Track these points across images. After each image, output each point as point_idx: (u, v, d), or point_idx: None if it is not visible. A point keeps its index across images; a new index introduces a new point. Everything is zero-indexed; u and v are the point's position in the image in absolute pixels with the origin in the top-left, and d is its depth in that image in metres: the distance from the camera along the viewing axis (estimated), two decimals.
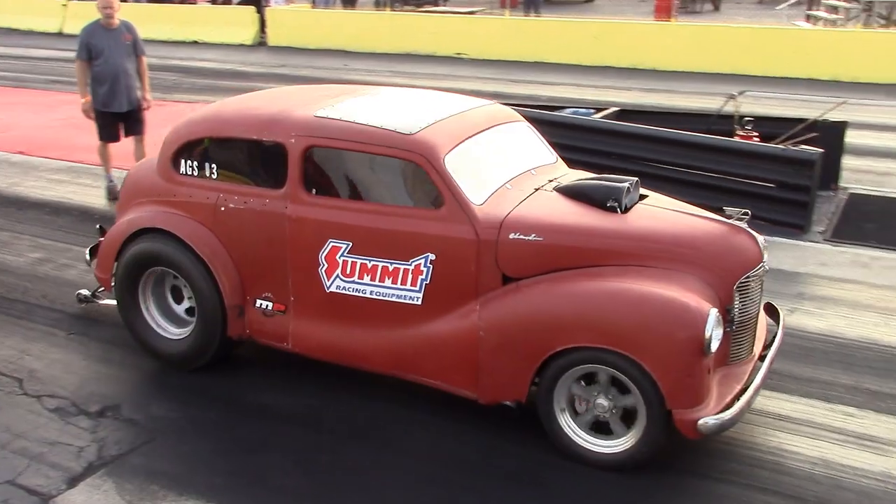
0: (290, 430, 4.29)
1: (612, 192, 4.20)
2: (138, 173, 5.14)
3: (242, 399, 4.59)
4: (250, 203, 4.47)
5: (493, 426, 4.22)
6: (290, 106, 4.63)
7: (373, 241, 4.19)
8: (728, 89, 9.40)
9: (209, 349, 4.73)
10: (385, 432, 4.26)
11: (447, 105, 4.70)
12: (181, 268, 4.66)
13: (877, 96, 12.99)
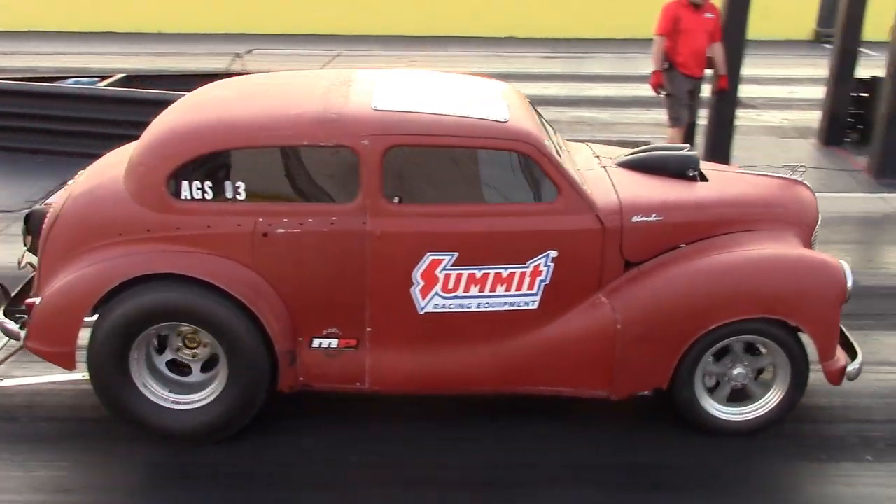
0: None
1: (688, 161, 4.19)
2: (84, 208, 3.83)
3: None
4: (309, 224, 3.62)
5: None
6: (319, 100, 3.80)
7: (484, 247, 3.69)
8: (236, 48, 9.90)
9: (251, 410, 3.82)
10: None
11: (483, 87, 4.23)
12: (207, 319, 3.67)
13: (372, 47, 14.24)
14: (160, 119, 3.98)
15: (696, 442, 3.98)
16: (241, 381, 3.77)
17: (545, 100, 9.96)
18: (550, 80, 11.94)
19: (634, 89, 10.85)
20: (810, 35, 15.75)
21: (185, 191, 3.67)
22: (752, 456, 3.92)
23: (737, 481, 3.78)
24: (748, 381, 3.95)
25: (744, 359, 3.92)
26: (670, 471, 3.85)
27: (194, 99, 4.14)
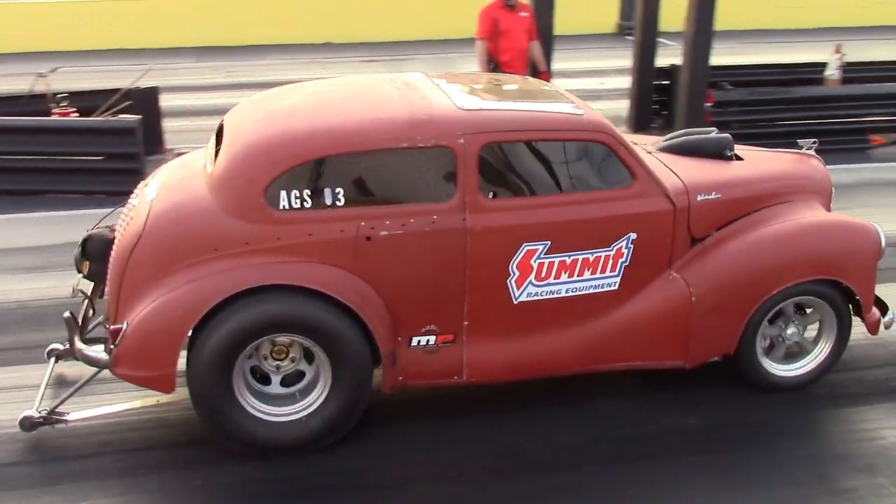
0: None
1: (723, 143, 4.55)
2: (173, 226, 3.74)
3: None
4: (411, 224, 3.72)
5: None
6: (401, 103, 3.91)
7: (574, 234, 3.90)
8: (38, 67, 9.59)
9: (355, 413, 3.88)
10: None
11: (536, 84, 4.52)
12: (315, 328, 3.69)
13: (184, 60, 14.23)
14: (237, 131, 3.95)
15: (743, 400, 4.34)
16: (345, 387, 3.82)
17: None
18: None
19: None
20: (614, 28, 16.61)
21: (284, 200, 3.68)
22: (800, 407, 4.35)
23: (797, 432, 4.16)
24: (801, 338, 4.38)
25: (795, 319, 4.35)
26: (731, 428, 4.18)
27: (264, 109, 4.12)
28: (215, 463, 3.91)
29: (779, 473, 3.86)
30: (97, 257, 4.06)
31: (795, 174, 4.57)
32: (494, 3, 7.42)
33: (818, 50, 12.71)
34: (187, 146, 7.62)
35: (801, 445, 4.08)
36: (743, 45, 14.44)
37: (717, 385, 4.43)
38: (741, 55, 12.29)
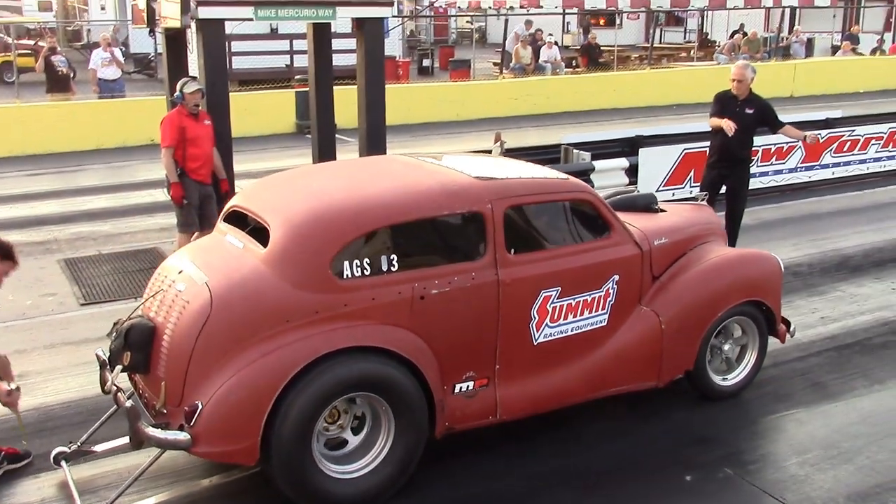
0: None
1: (650, 198, 5.58)
2: (242, 303, 4.00)
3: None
4: (456, 281, 4.29)
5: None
6: (427, 177, 4.53)
7: (577, 279, 4.67)
8: None
9: (413, 462, 4.31)
10: None
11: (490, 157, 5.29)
12: (385, 386, 4.12)
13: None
14: (282, 211, 4.31)
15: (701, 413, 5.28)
16: (407, 437, 4.26)
17: (38, 219, 10.53)
18: (40, 199, 11.84)
19: (133, 197, 11.78)
20: (292, 128, 17.62)
21: (347, 270, 4.13)
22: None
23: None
24: (731, 353, 5.40)
25: (729, 336, 5.38)
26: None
27: (299, 189, 4.56)
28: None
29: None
30: (140, 346, 4.18)
31: (706, 220, 5.69)
32: (178, 111, 7.52)
33: (482, 138, 14.67)
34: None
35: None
36: (415, 137, 16.30)
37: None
38: (416, 147, 13.88)
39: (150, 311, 4.33)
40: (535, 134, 16.72)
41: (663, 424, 5.11)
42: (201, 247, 4.70)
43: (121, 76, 16.84)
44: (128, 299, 7.43)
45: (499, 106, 19.83)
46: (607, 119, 19.10)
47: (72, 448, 4.58)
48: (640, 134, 11.23)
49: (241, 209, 4.65)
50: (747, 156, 7.84)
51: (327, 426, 4.25)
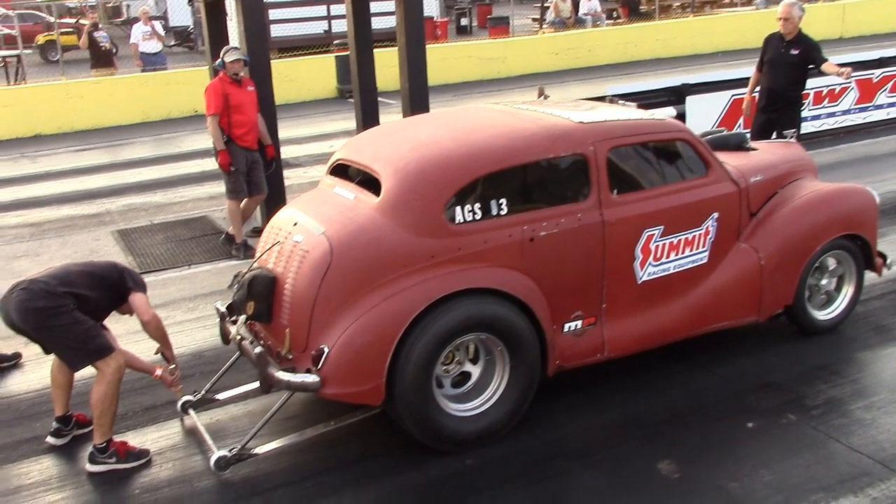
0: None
1: (742, 137, 5.67)
2: (362, 252, 4.20)
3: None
4: (563, 223, 4.45)
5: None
6: (529, 122, 4.67)
7: (679, 218, 4.81)
8: None
9: (528, 400, 4.51)
10: None
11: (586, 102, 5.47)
12: (500, 326, 4.29)
13: None
14: (392, 161, 4.48)
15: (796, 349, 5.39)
16: (522, 376, 4.45)
17: (89, 193, 10.98)
18: (90, 173, 12.36)
19: (180, 168, 12.18)
20: (334, 93, 18.02)
21: (459, 215, 4.30)
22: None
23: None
24: (829, 288, 5.52)
25: (825, 271, 5.48)
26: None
27: (404, 140, 4.71)
28: (410, 467, 4.34)
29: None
30: (263, 296, 4.40)
31: (797, 156, 5.77)
32: (221, 79, 7.69)
33: (524, 95, 14.57)
34: None
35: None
36: (457, 97, 16.65)
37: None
38: (457, 105, 13.79)
39: (269, 263, 4.55)
40: (578, 88, 16.77)
41: (724, 371, 5.17)
42: (311, 200, 4.87)
43: (162, 49, 17.17)
44: (181, 267, 7.78)
45: (539, 61, 19.95)
46: (651, 69, 19.09)
47: (196, 397, 4.86)
48: (686, 82, 11.22)
49: (349, 162, 4.84)
50: (797, 97, 7.86)
51: (446, 367, 4.44)
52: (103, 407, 4.38)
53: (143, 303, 4.60)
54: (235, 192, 7.80)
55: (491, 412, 4.43)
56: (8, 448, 4.79)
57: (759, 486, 4.09)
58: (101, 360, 4.37)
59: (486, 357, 4.50)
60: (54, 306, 4.29)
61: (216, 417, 4.89)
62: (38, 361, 5.66)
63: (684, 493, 4.07)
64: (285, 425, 4.69)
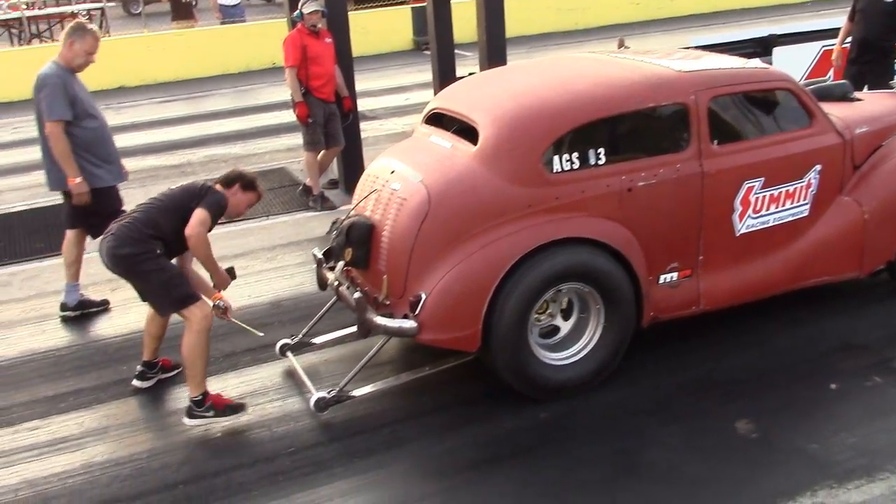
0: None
1: (846, 87, 5.53)
2: (459, 200, 4.26)
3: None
4: (662, 174, 4.44)
5: None
6: (630, 71, 4.65)
7: (780, 170, 4.74)
8: None
9: (621, 350, 4.55)
10: None
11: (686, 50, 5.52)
12: (596, 276, 4.32)
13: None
14: (489, 110, 4.50)
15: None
16: (616, 326, 4.48)
17: (172, 144, 11.19)
18: (172, 124, 12.62)
19: (259, 120, 12.27)
20: (410, 44, 17.96)
21: (557, 165, 4.33)
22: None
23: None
24: None
25: None
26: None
27: (500, 89, 4.73)
28: (485, 419, 4.40)
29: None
30: (361, 243, 4.51)
31: None
32: (299, 31, 7.78)
33: (604, 46, 14.13)
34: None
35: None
36: (534, 48, 16.30)
37: None
38: (533, 58, 13.60)
39: (366, 210, 4.65)
40: (660, 39, 16.47)
41: (806, 331, 5.07)
42: (407, 148, 4.95)
43: (240, 2, 17.40)
44: (260, 217, 7.91)
45: (620, 11, 19.51)
46: (736, 20, 18.53)
47: (294, 340, 5.02)
48: (773, 33, 10.85)
49: (445, 111, 4.89)
50: (890, 47, 7.56)
51: (538, 317, 4.50)
52: (193, 357, 4.41)
53: (194, 218, 4.41)
54: (313, 143, 7.90)
55: (585, 361, 4.48)
56: (97, 390, 5.01)
57: (841, 448, 4.00)
58: (185, 308, 4.40)
59: (579, 307, 4.53)
60: (139, 252, 4.36)
61: (310, 361, 5.01)
62: (126, 307, 5.97)
63: (762, 452, 4.01)
64: (380, 370, 4.83)
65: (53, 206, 8.60)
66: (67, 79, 5.58)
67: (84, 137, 5.63)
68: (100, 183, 5.68)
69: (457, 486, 3.96)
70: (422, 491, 3.95)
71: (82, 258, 6.02)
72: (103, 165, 5.71)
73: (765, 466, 3.92)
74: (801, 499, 3.69)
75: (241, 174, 4.70)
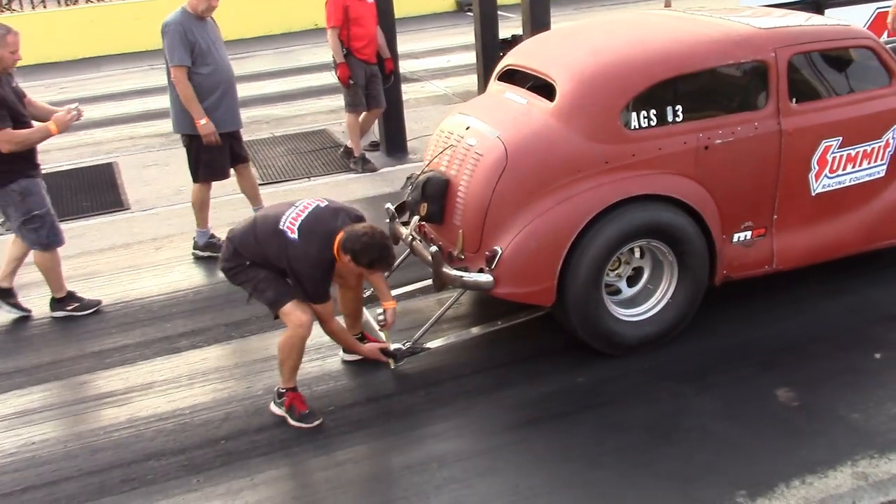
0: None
1: None
2: (536, 156, 4.33)
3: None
4: (739, 131, 4.48)
5: None
6: (706, 28, 4.68)
7: (859, 129, 4.76)
8: None
9: (693, 309, 4.63)
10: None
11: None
12: (671, 233, 4.39)
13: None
14: (565, 67, 4.56)
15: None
16: (689, 283, 4.56)
17: None
18: None
19: (300, 81, 12.28)
20: (453, 6, 17.86)
21: (634, 121, 4.39)
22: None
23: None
24: None
25: None
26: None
27: (579, 46, 4.79)
28: (523, 381, 4.49)
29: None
30: (437, 198, 4.60)
31: None
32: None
33: (649, 6, 13.82)
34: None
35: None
36: (578, 10, 16.05)
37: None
38: (578, 19, 13.40)
39: (441, 166, 4.75)
40: (709, 0, 16.22)
41: (850, 300, 5.04)
42: (482, 105, 5.02)
43: None
44: (301, 179, 8.06)
45: None
46: None
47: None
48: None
49: (520, 67, 4.95)
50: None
51: (608, 273, 4.58)
52: (281, 356, 4.30)
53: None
54: (354, 105, 7.96)
55: (658, 318, 4.57)
56: (142, 346, 5.18)
57: (885, 419, 4.01)
58: (277, 310, 4.24)
59: (652, 267, 4.62)
60: (231, 267, 4.37)
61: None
62: (169, 265, 6.23)
63: (802, 421, 4.04)
64: (453, 324, 4.97)
65: (98, 165, 9.04)
66: (189, 24, 5.92)
67: (196, 83, 6.02)
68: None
69: (494, 448, 4.04)
70: (457, 452, 4.01)
71: (209, 205, 6.38)
72: (209, 112, 6.04)
73: (805, 435, 3.95)
74: (842, 468, 3.71)
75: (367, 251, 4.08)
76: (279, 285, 4.22)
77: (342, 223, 4.11)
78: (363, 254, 4.02)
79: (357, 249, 4.00)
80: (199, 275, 6.09)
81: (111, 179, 8.49)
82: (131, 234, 6.79)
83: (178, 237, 6.76)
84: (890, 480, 3.59)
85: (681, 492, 3.62)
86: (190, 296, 5.77)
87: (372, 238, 4.00)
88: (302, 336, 4.21)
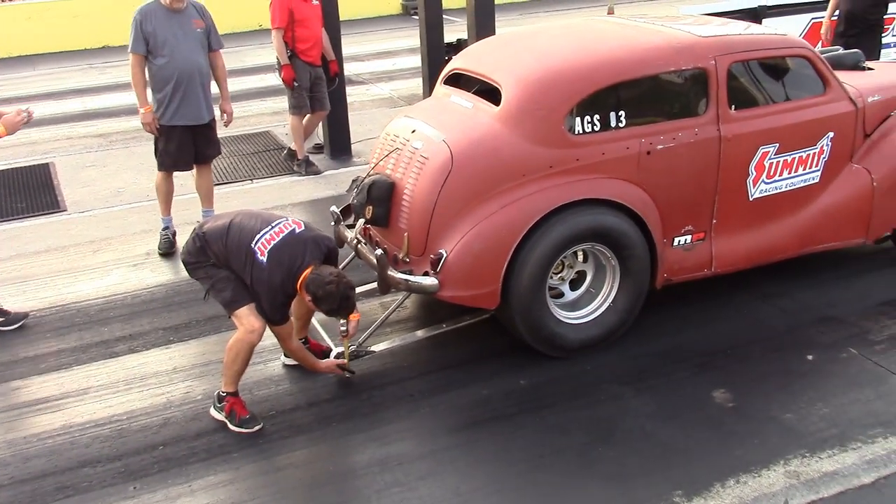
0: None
1: (859, 57, 5.73)
2: (483, 159, 4.40)
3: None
4: (680, 137, 4.61)
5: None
6: (650, 35, 4.80)
7: (795, 136, 4.94)
8: None
9: (635, 312, 4.75)
10: None
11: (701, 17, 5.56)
12: (614, 237, 4.51)
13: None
14: (511, 71, 4.64)
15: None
16: (631, 287, 4.69)
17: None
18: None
19: (244, 82, 12.20)
20: (398, 9, 18.17)
21: (579, 126, 4.49)
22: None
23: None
24: None
25: None
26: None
27: (523, 51, 4.87)
28: (465, 384, 4.54)
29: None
30: (382, 201, 4.64)
31: None
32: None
33: (592, 13, 14.14)
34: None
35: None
36: (523, 15, 16.51)
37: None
38: (522, 25, 13.82)
39: (386, 169, 4.79)
40: (649, 6, 16.56)
41: (785, 303, 5.22)
42: (428, 108, 5.09)
43: None
44: (244, 181, 8.08)
45: None
46: None
47: None
48: (762, 4, 11.02)
49: (466, 71, 5.04)
50: (877, 21, 7.68)
51: (551, 276, 4.67)
52: (227, 358, 4.27)
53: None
54: (298, 107, 7.99)
55: (600, 320, 4.68)
56: (77, 351, 5.13)
57: (815, 418, 4.16)
58: (233, 311, 4.22)
59: (595, 270, 4.73)
60: (193, 262, 4.36)
61: (325, 318, 4.98)
62: (106, 269, 6.17)
63: (736, 421, 4.16)
64: (397, 327, 5.02)
65: (34, 166, 8.88)
66: (153, 15, 6.12)
67: (152, 73, 6.24)
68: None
69: (436, 451, 4.08)
70: (399, 455, 4.03)
71: (171, 194, 6.57)
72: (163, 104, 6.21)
73: (739, 435, 4.08)
74: (775, 467, 3.84)
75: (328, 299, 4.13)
76: (238, 287, 4.23)
77: (311, 258, 4.14)
78: (324, 301, 4.10)
79: (319, 296, 4.09)
80: (137, 278, 6.04)
81: (47, 180, 8.39)
82: (68, 237, 6.73)
83: (117, 240, 6.72)
84: (821, 479, 3.72)
85: (620, 492, 3.71)
86: (128, 299, 5.72)
87: (336, 287, 4.07)
88: (251, 342, 4.21)
